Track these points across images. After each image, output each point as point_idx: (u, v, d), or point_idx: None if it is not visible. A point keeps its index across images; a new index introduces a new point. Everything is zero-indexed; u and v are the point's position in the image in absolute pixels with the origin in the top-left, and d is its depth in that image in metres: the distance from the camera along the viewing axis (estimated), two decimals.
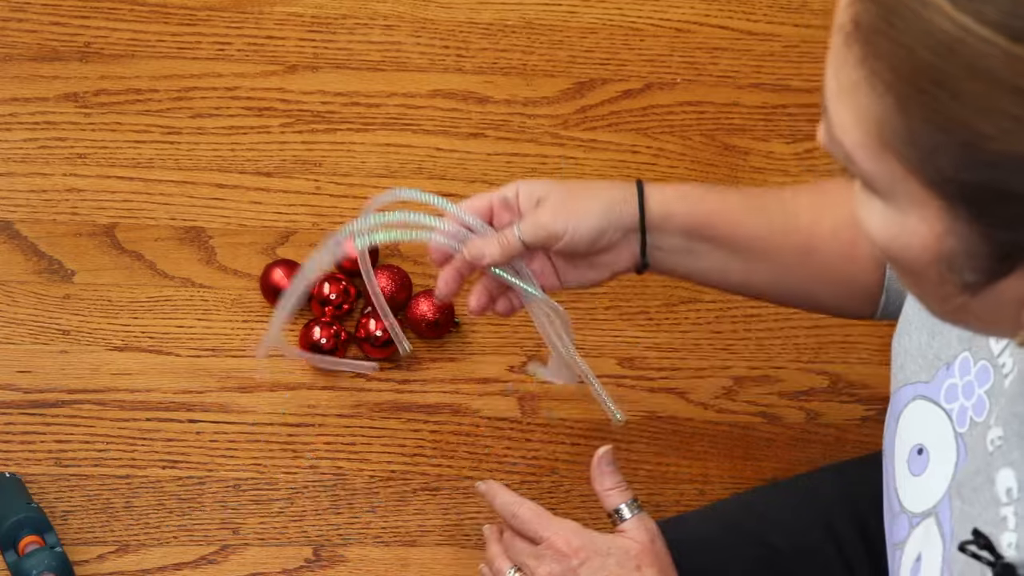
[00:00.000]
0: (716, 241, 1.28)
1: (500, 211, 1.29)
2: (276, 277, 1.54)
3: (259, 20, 1.69)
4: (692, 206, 1.28)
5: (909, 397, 1.12)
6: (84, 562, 1.44)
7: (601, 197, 1.27)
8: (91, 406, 1.50)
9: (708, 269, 1.30)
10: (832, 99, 0.85)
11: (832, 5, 1.82)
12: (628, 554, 1.23)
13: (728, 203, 1.29)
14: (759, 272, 1.30)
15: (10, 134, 1.60)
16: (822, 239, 1.28)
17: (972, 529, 1.01)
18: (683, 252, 1.29)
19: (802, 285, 1.31)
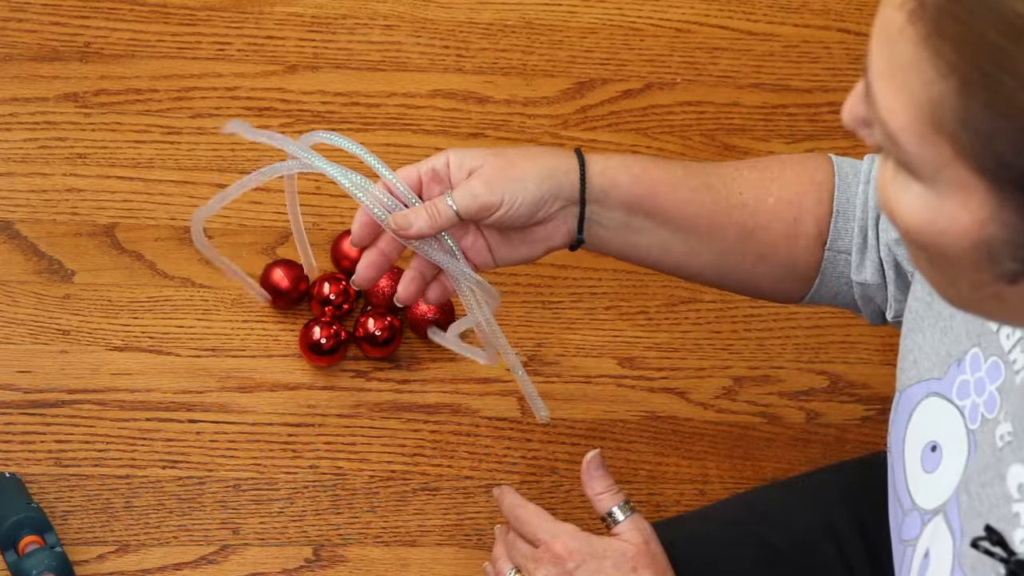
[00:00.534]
0: (658, 218, 1.24)
1: (429, 183, 1.23)
2: (276, 277, 1.54)
3: (259, 20, 1.69)
4: (635, 178, 1.23)
5: (923, 394, 1.12)
6: (84, 562, 1.44)
7: (540, 164, 1.22)
8: (91, 406, 1.50)
9: (648, 247, 1.26)
10: (880, 77, 0.84)
11: (831, 5, 1.83)
12: (624, 556, 1.23)
13: (673, 177, 1.25)
14: (700, 252, 1.26)
15: (10, 134, 1.60)
16: (764, 217, 1.26)
17: (984, 525, 1.01)
18: (622, 228, 1.24)
19: (741, 266, 1.27)
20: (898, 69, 0.82)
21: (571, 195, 1.22)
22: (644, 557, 1.23)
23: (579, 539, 1.24)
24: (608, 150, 1.68)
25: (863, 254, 1.26)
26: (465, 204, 1.21)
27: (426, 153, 1.64)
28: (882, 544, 1.32)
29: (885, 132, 0.85)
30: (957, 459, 1.07)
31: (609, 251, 1.27)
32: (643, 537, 1.25)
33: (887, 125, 0.84)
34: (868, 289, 1.27)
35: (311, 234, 1.60)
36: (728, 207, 1.26)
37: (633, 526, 1.25)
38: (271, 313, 1.56)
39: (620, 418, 1.56)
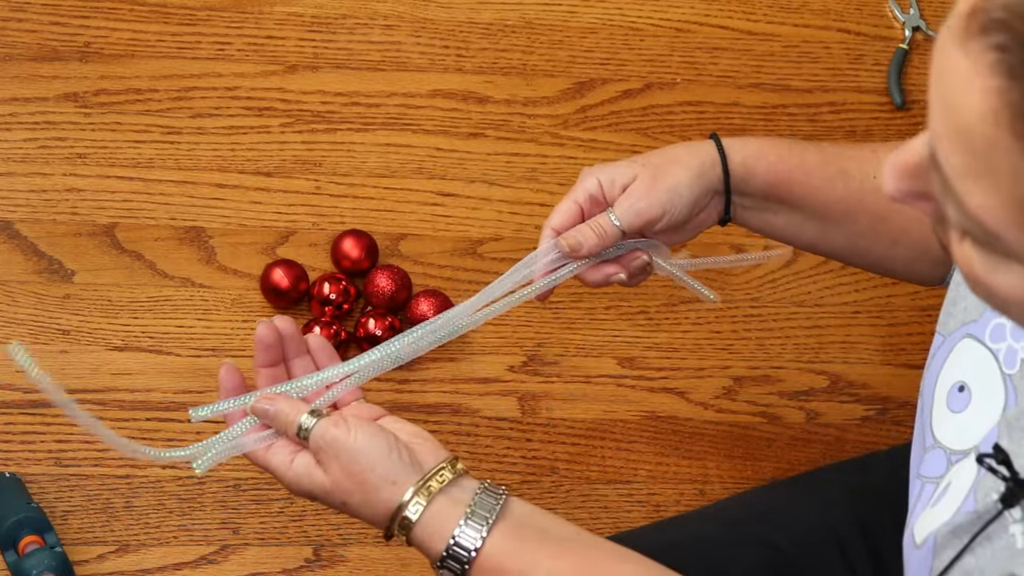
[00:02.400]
0: (792, 203, 1.28)
1: (591, 208, 1.27)
2: (276, 277, 1.54)
3: (259, 20, 1.69)
4: (771, 167, 1.27)
5: (960, 336, 1.12)
6: (84, 562, 1.44)
7: (687, 167, 1.26)
8: (91, 406, 1.50)
9: (783, 227, 1.30)
10: (963, 179, 0.82)
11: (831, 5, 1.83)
12: (327, 493, 1.16)
13: (806, 165, 1.28)
14: (832, 234, 1.30)
15: (10, 134, 1.60)
16: None
17: (993, 444, 1.01)
18: (760, 209, 1.28)
19: (874, 249, 1.30)
20: (993, 172, 0.80)
21: (718, 187, 1.27)
22: (342, 485, 1.14)
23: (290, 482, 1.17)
24: (608, 150, 1.68)
25: None
26: (629, 220, 1.25)
27: (426, 153, 1.65)
28: (883, 543, 1.32)
29: (979, 228, 0.83)
30: (991, 402, 1.07)
31: (749, 227, 1.31)
32: (331, 457, 1.14)
33: (983, 223, 0.82)
34: None
35: (311, 234, 1.60)
36: (861, 193, 1.27)
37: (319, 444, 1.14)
38: (271, 313, 1.56)
39: (620, 418, 1.56)
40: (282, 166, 1.63)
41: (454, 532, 1.11)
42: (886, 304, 1.64)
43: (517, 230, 1.63)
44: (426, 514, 1.12)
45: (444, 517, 1.12)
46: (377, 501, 1.13)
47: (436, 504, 1.12)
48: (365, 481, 1.13)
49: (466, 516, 1.11)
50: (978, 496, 1.04)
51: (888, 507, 1.31)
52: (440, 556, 1.12)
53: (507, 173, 1.66)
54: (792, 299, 1.63)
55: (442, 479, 1.12)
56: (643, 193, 1.25)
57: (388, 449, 1.14)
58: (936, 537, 1.06)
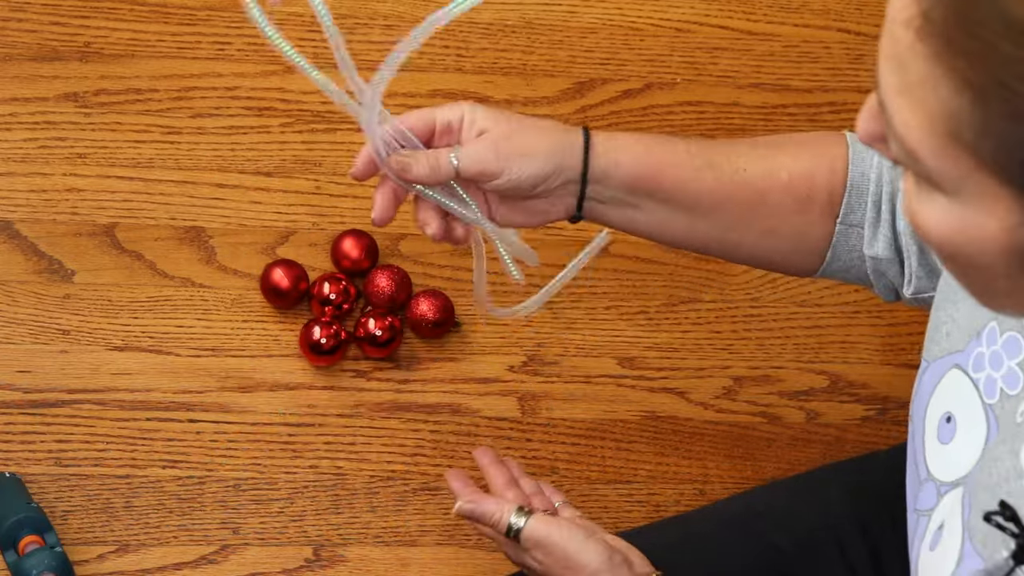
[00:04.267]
0: (659, 197, 1.25)
1: (441, 134, 1.23)
2: (276, 277, 1.54)
3: None
4: (638, 159, 1.24)
5: (948, 366, 1.12)
6: (84, 562, 1.44)
7: (546, 140, 1.23)
8: (91, 406, 1.50)
9: (648, 223, 1.27)
10: (893, 95, 0.83)
11: (831, 5, 1.83)
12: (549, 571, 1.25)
13: (676, 157, 1.25)
14: (702, 228, 1.27)
15: (10, 134, 1.60)
16: (774, 191, 1.25)
17: (999, 501, 1.00)
18: (622, 205, 1.25)
19: (747, 240, 1.27)
20: (911, 86, 0.82)
21: (573, 174, 1.23)
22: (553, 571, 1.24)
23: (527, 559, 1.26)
24: None
25: (876, 228, 1.25)
26: (465, 165, 1.21)
27: None
28: (883, 543, 1.32)
29: (903, 148, 0.84)
30: (974, 433, 1.07)
31: (607, 224, 1.27)
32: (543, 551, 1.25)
33: (905, 141, 0.84)
34: (880, 264, 1.26)
35: (311, 234, 1.60)
36: (732, 185, 1.25)
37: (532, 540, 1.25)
38: (271, 313, 1.56)
39: (620, 418, 1.56)
40: (282, 166, 1.63)
41: None
42: (886, 304, 1.64)
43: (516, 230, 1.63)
44: None
45: None
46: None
47: None
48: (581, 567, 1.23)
49: None
50: (980, 549, 1.03)
51: (888, 507, 1.30)
52: None
53: None
54: (792, 299, 1.63)
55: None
56: (490, 145, 1.21)
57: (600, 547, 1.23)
58: None
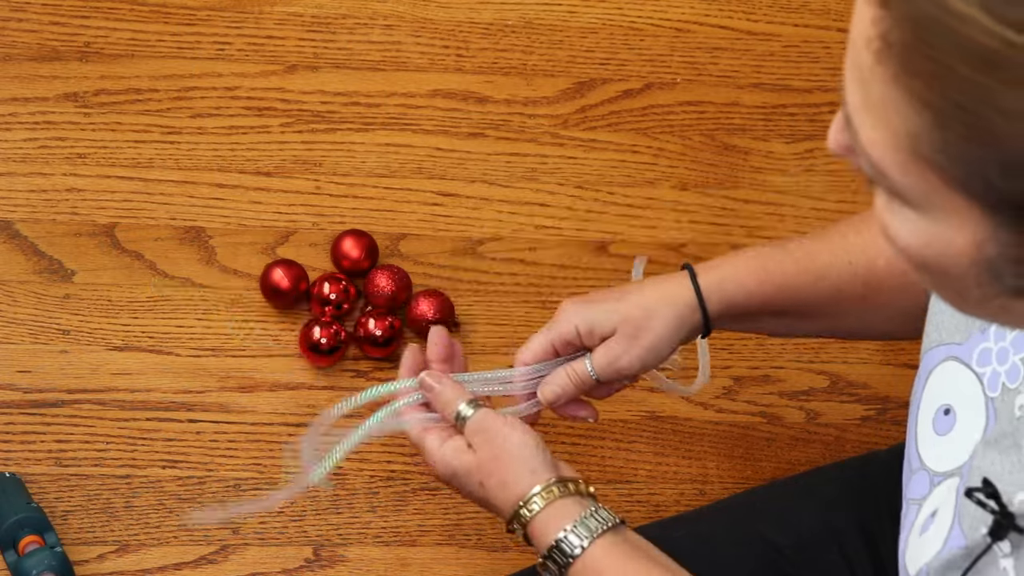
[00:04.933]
0: (779, 313, 1.31)
1: (564, 350, 1.30)
2: (276, 277, 1.54)
3: (259, 20, 1.69)
4: (750, 295, 1.30)
5: (941, 357, 1.12)
6: (84, 562, 1.44)
7: (666, 321, 1.28)
8: (91, 406, 1.50)
9: (773, 330, 1.37)
10: (857, 112, 0.84)
11: (831, 5, 1.83)
12: (468, 473, 1.24)
13: (787, 276, 1.30)
14: (821, 324, 1.34)
15: (10, 134, 1.60)
16: (878, 278, 1.29)
17: (982, 478, 1.01)
18: (743, 320, 1.32)
19: (861, 324, 1.33)
20: (874, 105, 0.82)
21: (698, 325, 1.30)
22: (485, 467, 1.24)
23: (436, 460, 1.26)
24: (608, 150, 1.67)
25: None
26: (607, 375, 1.29)
27: (426, 153, 1.65)
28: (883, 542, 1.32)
29: (870, 163, 0.84)
30: (973, 426, 1.07)
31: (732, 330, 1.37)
32: (485, 438, 1.24)
33: (871, 157, 0.84)
34: None
35: (311, 234, 1.60)
36: (843, 284, 1.30)
37: (476, 427, 1.25)
38: (271, 313, 1.56)
39: (620, 418, 1.56)
40: (282, 166, 1.63)
41: (558, 536, 1.20)
42: None
43: (517, 230, 1.63)
44: (548, 510, 1.21)
45: (558, 518, 1.20)
46: (514, 485, 1.22)
47: (556, 505, 1.21)
48: (508, 466, 1.23)
49: (575, 523, 1.20)
50: (965, 529, 1.04)
51: (888, 506, 1.31)
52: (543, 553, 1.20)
53: (507, 173, 1.66)
54: None
55: (576, 487, 1.23)
56: (623, 350, 1.28)
57: (536, 445, 1.23)
58: (928, 571, 1.07)
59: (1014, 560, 0.99)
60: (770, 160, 1.70)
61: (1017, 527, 0.98)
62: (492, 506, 1.24)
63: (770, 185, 1.68)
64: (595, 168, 1.67)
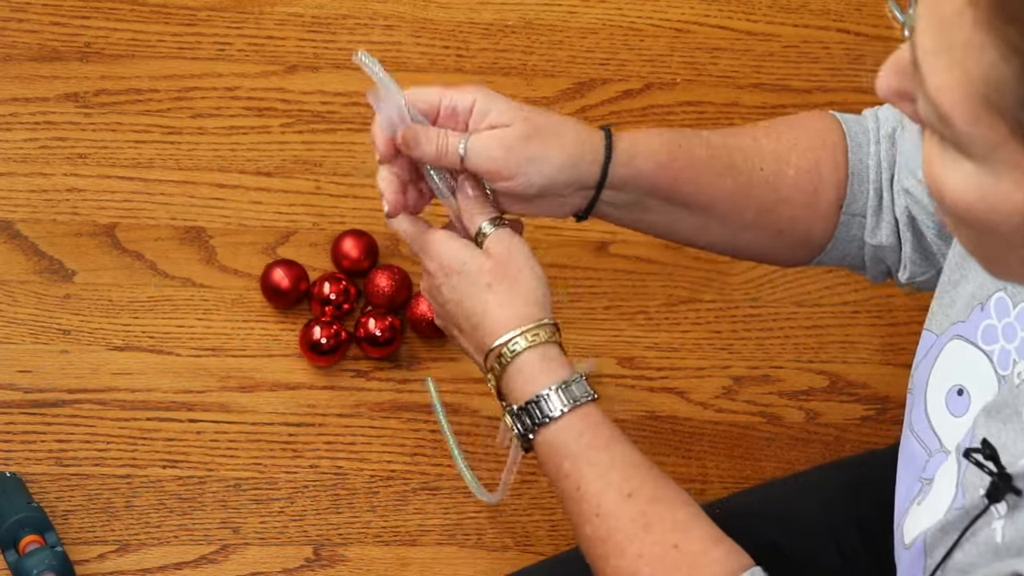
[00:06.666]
0: (676, 201, 1.22)
1: (445, 119, 1.19)
2: (276, 277, 1.55)
3: (259, 20, 1.69)
4: (659, 166, 1.21)
5: (949, 337, 1.12)
6: (84, 561, 1.44)
7: (566, 147, 1.18)
8: (92, 406, 1.50)
9: (655, 223, 1.24)
10: (930, 56, 0.82)
11: (831, 5, 1.83)
12: (480, 270, 1.17)
13: (697, 161, 1.22)
14: (713, 229, 1.25)
15: (10, 134, 1.60)
16: (785, 191, 1.24)
17: (982, 439, 1.01)
18: (633, 207, 1.22)
19: (756, 240, 1.26)
20: (952, 49, 0.81)
21: (589, 182, 1.20)
22: (498, 272, 1.17)
23: (445, 251, 1.19)
24: None
25: (878, 216, 1.24)
26: (475, 162, 1.17)
27: None
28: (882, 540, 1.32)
29: (935, 110, 0.83)
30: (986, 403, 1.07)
31: (612, 222, 1.24)
32: (505, 249, 1.17)
33: (938, 104, 0.82)
34: (881, 251, 1.25)
35: (311, 234, 1.60)
36: (749, 187, 1.23)
37: (498, 239, 1.18)
38: (271, 313, 1.56)
39: (620, 418, 1.56)
40: (282, 166, 1.63)
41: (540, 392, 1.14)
42: (886, 304, 1.64)
43: None
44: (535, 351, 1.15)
45: (544, 371, 1.14)
46: (520, 305, 1.16)
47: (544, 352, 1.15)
48: (521, 283, 1.16)
49: (561, 384, 1.14)
50: (966, 492, 1.04)
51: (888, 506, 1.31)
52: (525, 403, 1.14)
53: None
54: (792, 299, 1.63)
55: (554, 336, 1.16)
56: (507, 145, 1.17)
57: (547, 284, 1.17)
58: (926, 536, 1.07)
59: (1005, 521, 0.99)
60: None
61: (1014, 488, 0.98)
62: (482, 321, 1.16)
63: None
64: None
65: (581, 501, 1.13)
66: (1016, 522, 0.98)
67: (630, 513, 1.12)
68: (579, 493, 1.13)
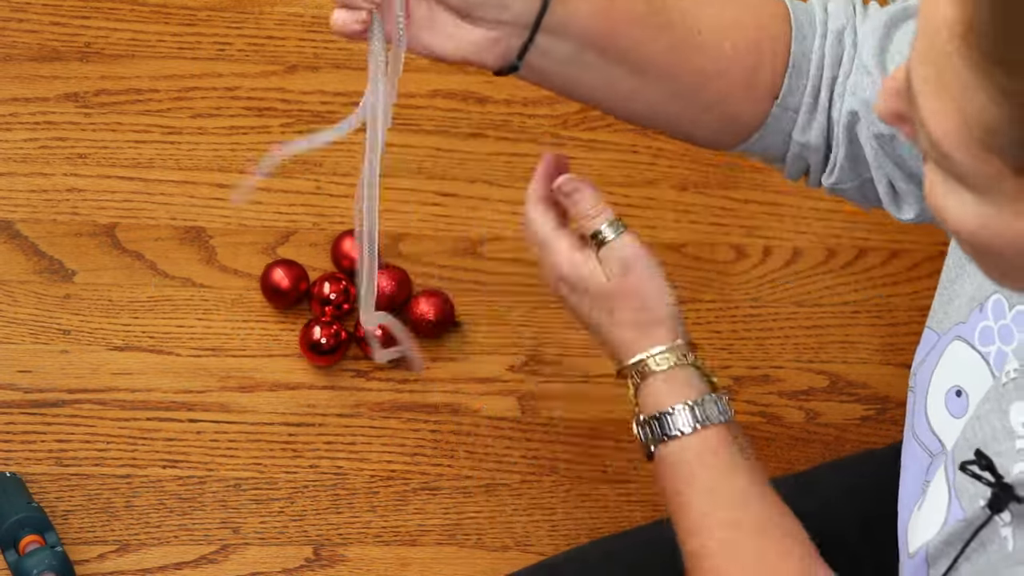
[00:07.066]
0: (611, 55, 1.16)
1: None
2: (276, 277, 1.55)
3: (259, 20, 1.69)
4: (597, 11, 1.14)
5: (951, 338, 1.12)
6: (84, 561, 1.44)
7: None
8: (92, 406, 1.50)
9: (591, 84, 1.18)
10: (926, 93, 0.81)
11: None
12: (600, 294, 1.17)
13: (634, 14, 1.16)
14: (646, 94, 1.19)
15: (10, 134, 1.60)
16: (722, 62, 1.18)
17: (975, 450, 1.00)
18: (569, 62, 1.16)
19: (686, 114, 1.21)
20: (948, 90, 0.80)
21: (524, 14, 1.14)
22: (621, 294, 1.16)
23: (565, 262, 1.18)
24: (608, 150, 1.68)
25: (812, 115, 1.20)
26: None
27: (426, 153, 1.65)
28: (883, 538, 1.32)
29: (929, 140, 0.82)
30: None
31: (545, 83, 1.19)
32: (623, 268, 1.16)
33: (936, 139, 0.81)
34: (807, 150, 1.22)
35: (311, 234, 1.60)
36: (687, 49, 1.18)
37: (616, 254, 1.17)
38: (271, 313, 1.56)
39: (620, 418, 1.56)
40: (282, 166, 1.63)
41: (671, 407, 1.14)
42: (886, 304, 1.64)
43: (517, 230, 1.63)
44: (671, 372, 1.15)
45: (679, 387, 1.15)
46: (648, 326, 1.15)
47: (679, 372, 1.15)
48: (647, 306, 1.15)
49: (694, 402, 1.14)
50: (963, 503, 1.04)
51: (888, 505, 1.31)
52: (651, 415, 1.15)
53: (507, 173, 1.66)
54: (792, 299, 1.63)
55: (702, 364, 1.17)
56: None
57: (674, 297, 1.17)
58: (928, 548, 1.07)
59: (1013, 528, 0.99)
60: None
61: (1016, 497, 0.98)
62: (609, 339, 1.17)
63: (770, 185, 1.68)
64: (595, 168, 1.67)
65: (686, 519, 1.16)
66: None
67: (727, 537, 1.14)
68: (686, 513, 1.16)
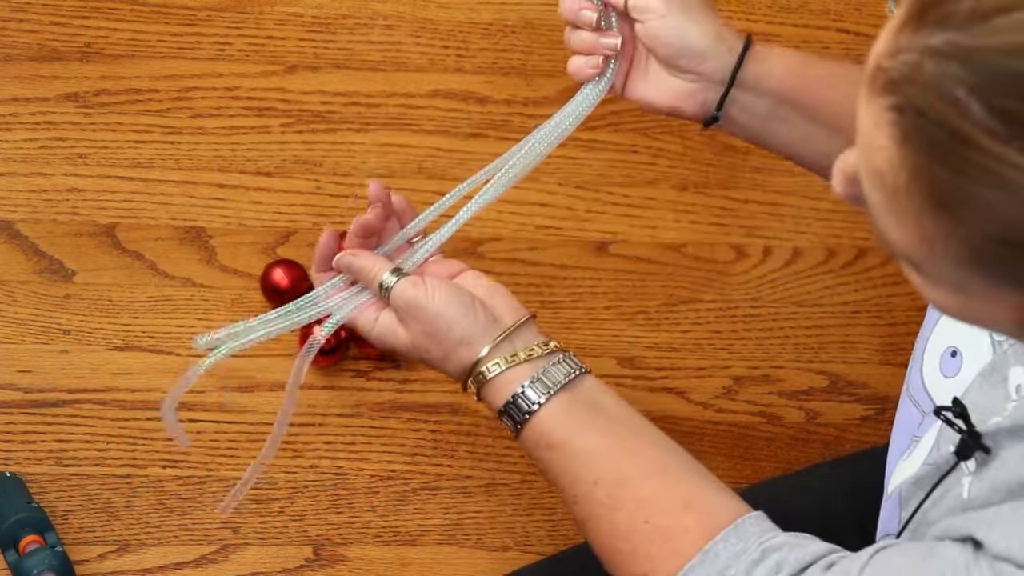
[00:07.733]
0: (808, 112, 1.24)
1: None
2: (276, 277, 1.55)
3: (259, 20, 1.69)
4: (790, 70, 1.24)
5: None
6: (85, 561, 1.44)
7: (713, 24, 1.23)
8: (92, 405, 1.50)
9: (788, 137, 1.26)
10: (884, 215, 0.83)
11: (831, 5, 1.82)
12: (408, 351, 1.22)
13: (830, 75, 1.24)
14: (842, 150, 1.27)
15: (10, 134, 1.60)
16: None
17: (952, 397, 1.03)
18: (767, 116, 1.25)
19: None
20: (906, 223, 0.82)
21: (721, 69, 1.23)
22: (421, 345, 1.21)
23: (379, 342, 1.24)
24: (608, 150, 1.68)
25: None
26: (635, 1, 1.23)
27: (426, 153, 1.65)
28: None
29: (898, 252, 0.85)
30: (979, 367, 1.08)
31: (744, 135, 1.27)
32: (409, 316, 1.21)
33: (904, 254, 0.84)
34: None
35: (311, 234, 1.60)
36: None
37: (399, 302, 1.22)
38: None
39: None
40: (282, 166, 1.63)
41: (516, 391, 1.18)
42: (886, 304, 1.64)
43: (517, 230, 1.63)
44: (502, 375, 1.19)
45: (512, 378, 1.19)
46: (455, 359, 1.20)
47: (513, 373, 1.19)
48: (443, 341, 1.20)
49: (531, 380, 1.18)
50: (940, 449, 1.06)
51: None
52: (499, 410, 1.20)
53: None
54: (792, 299, 1.63)
55: (530, 352, 1.20)
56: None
57: (465, 310, 1.20)
58: (902, 489, 1.09)
59: (972, 478, 1.01)
60: (770, 160, 1.70)
61: (983, 446, 1.00)
62: (444, 373, 1.22)
63: (770, 185, 1.68)
64: (595, 168, 1.67)
65: (562, 491, 1.19)
66: (982, 479, 1.00)
67: (599, 498, 1.15)
68: (558, 484, 1.18)
